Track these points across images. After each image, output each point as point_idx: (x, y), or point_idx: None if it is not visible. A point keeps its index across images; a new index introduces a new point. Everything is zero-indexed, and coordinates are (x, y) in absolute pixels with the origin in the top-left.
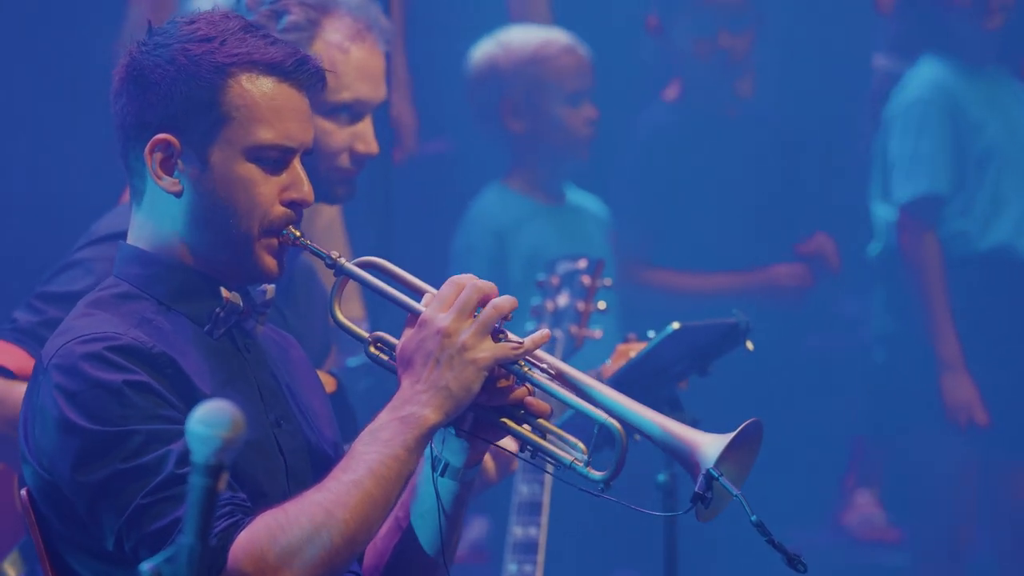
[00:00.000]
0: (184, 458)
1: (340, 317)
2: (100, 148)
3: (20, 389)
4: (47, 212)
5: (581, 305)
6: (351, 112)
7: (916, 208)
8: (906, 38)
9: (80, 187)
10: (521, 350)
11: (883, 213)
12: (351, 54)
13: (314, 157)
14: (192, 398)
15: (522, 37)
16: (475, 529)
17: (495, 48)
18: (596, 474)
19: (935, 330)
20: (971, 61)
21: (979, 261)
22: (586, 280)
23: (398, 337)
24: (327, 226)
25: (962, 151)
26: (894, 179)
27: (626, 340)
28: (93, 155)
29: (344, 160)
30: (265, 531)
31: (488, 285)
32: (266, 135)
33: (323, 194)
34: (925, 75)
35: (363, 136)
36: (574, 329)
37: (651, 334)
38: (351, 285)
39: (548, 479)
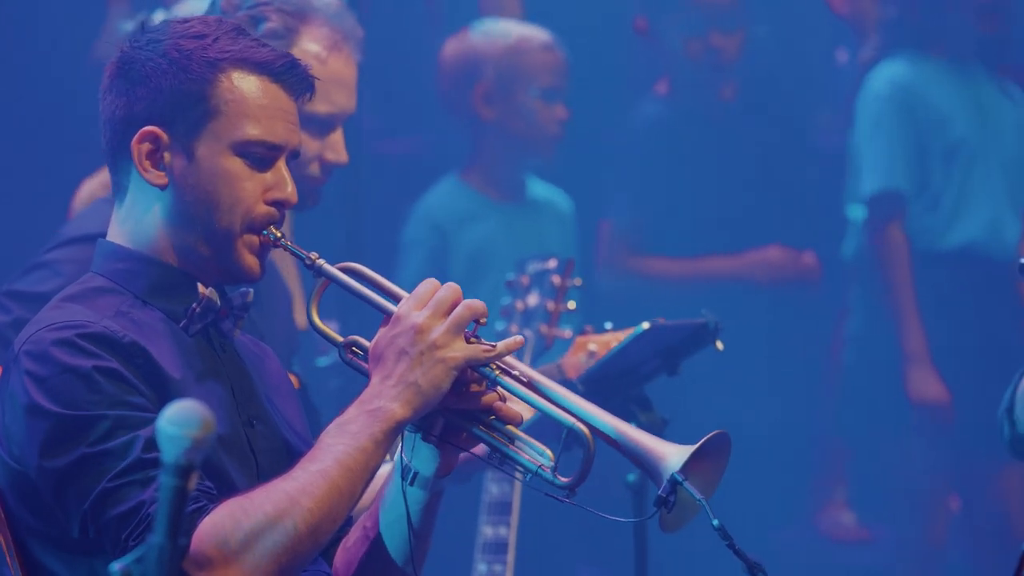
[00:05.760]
0: (151, 444)
1: (317, 320)
2: (91, 148)
3: None
4: (39, 212)
5: (551, 305)
6: (325, 123)
7: (878, 203)
8: (891, 37)
9: (71, 187)
10: (493, 353)
11: (854, 212)
12: (328, 65)
13: None
14: (163, 388)
15: (504, 27)
16: None
17: (475, 35)
18: (562, 479)
19: (901, 323)
20: (956, 59)
21: (946, 257)
22: (556, 280)
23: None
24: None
25: (925, 147)
26: (860, 176)
27: (583, 332)
28: (84, 156)
29: (314, 169)
30: (229, 516)
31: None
32: (253, 131)
33: None
34: (884, 74)
35: (334, 146)
36: (544, 329)
37: (608, 326)
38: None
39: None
